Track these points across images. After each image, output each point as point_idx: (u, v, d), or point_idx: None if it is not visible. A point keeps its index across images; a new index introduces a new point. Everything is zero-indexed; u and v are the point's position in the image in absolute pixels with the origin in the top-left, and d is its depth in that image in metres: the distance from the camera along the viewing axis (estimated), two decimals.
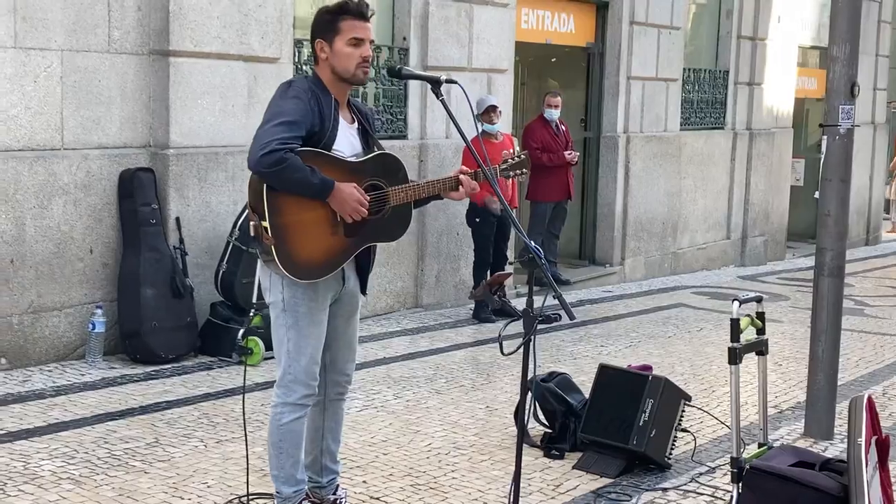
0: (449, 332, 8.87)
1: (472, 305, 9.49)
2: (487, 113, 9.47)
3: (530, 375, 6.01)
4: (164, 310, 7.34)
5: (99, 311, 7.17)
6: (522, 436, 4.07)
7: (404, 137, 9.53)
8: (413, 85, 9.39)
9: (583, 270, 12.38)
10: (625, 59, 12.31)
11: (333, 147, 4.11)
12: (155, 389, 6.71)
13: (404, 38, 9.51)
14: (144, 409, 6.25)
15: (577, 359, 8.16)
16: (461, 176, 4.32)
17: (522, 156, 4.56)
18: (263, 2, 8.07)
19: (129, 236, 7.37)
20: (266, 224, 3.98)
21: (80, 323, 7.23)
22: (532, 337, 4.06)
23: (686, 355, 8.49)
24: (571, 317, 3.96)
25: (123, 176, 7.37)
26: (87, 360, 7.19)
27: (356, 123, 4.30)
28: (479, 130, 9.31)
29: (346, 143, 4.19)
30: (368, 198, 4.11)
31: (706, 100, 14.30)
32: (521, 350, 4.11)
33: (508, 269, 9.37)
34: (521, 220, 12.20)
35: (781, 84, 15.48)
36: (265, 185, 3.95)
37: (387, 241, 4.35)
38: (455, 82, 4.33)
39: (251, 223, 4.06)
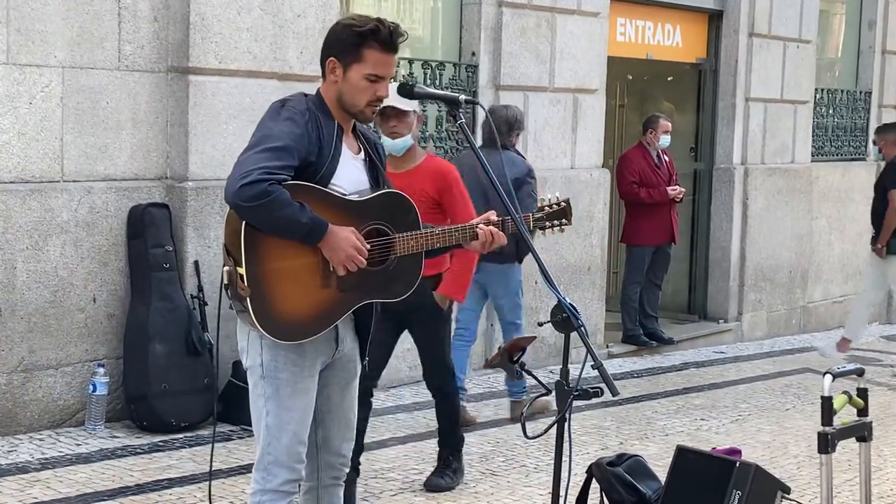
0: None
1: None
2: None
3: (597, 457, 5.78)
4: (176, 369, 7.23)
5: (101, 371, 7.07)
6: None
7: None
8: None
9: (691, 327, 12.03)
10: (743, 77, 11.98)
11: (332, 181, 3.93)
12: (158, 464, 6.57)
13: (473, 54, 9.33)
14: (140, 488, 6.12)
15: (668, 434, 7.84)
16: (480, 229, 4.11)
17: (563, 203, 4.28)
18: (303, 11, 7.96)
19: (139, 283, 7.28)
20: (242, 271, 3.78)
21: (80, 384, 7.13)
22: (567, 415, 3.79)
23: (804, 433, 8.08)
24: (614, 392, 3.68)
25: (133, 212, 7.30)
26: (86, 427, 7.09)
27: (363, 154, 4.11)
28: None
29: (350, 177, 4.01)
30: (369, 246, 3.91)
31: (844, 126, 13.87)
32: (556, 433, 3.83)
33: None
34: (619, 266, 11.91)
35: None
36: (244, 223, 3.77)
37: (390, 299, 4.13)
38: (477, 103, 4.13)
39: (225, 268, 3.88)
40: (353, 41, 3.94)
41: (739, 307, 12.26)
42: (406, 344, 8.71)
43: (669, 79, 12.55)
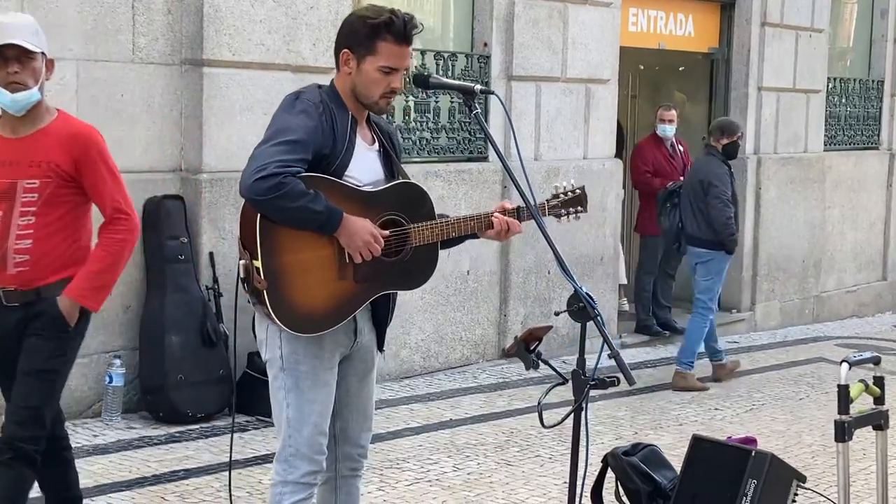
0: (533, 389, 8.58)
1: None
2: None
3: (613, 447, 5.78)
4: (192, 360, 7.24)
5: (117, 362, 7.09)
6: None
7: (484, 159, 9.32)
8: (495, 98, 9.17)
9: None
10: (755, 66, 11.95)
11: (347, 173, 3.94)
12: (175, 455, 6.58)
13: (485, 44, 9.32)
14: (158, 479, 6.13)
15: (682, 424, 7.84)
16: (495, 217, 4.12)
17: (578, 190, 4.30)
18: (315, 3, 7.96)
19: (154, 275, 7.30)
20: (258, 264, 3.79)
21: (96, 375, 7.14)
22: (584, 405, 3.79)
23: (818, 422, 8.08)
24: (631, 381, 3.69)
25: (148, 205, 7.31)
26: (103, 418, 7.10)
27: (377, 144, 4.12)
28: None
29: (364, 168, 4.01)
30: (387, 233, 3.91)
31: (856, 115, 13.82)
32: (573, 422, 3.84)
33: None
34: (632, 256, 11.89)
35: None
36: (259, 217, 3.78)
37: (407, 289, 4.16)
38: (492, 93, 4.14)
39: (241, 261, 3.89)
40: (367, 33, 3.93)
41: (752, 297, 12.22)
42: (419, 335, 8.77)
43: (681, 69, 12.52)
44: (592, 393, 3.85)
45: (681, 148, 11.09)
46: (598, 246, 10.16)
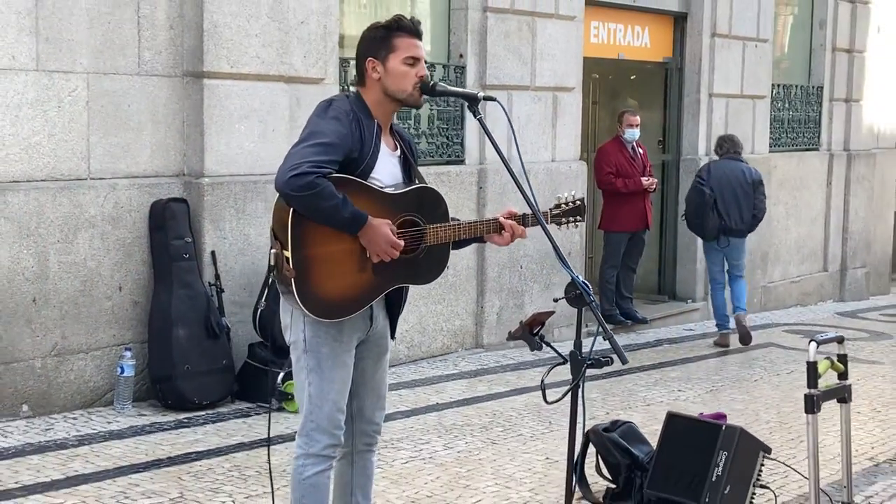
0: (510, 375, 8.76)
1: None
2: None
3: (589, 426, 5.94)
4: (197, 352, 7.32)
5: (128, 354, 7.17)
6: (570, 497, 3.95)
7: (461, 162, 9.47)
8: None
9: (662, 307, 12.20)
10: (706, 74, 12.18)
11: (372, 175, 4.07)
12: (185, 438, 6.67)
13: (461, 55, 9.47)
14: (172, 461, 6.21)
15: (650, 405, 8.00)
16: (504, 220, 4.27)
17: (578, 201, 4.45)
18: (306, 18, 8.08)
19: (161, 272, 7.37)
20: (288, 254, 3.93)
21: (108, 366, 7.22)
22: (581, 383, 3.95)
23: (773, 401, 8.28)
24: (623, 360, 3.84)
25: (155, 207, 7.38)
26: (115, 406, 7.17)
27: (398, 151, 4.26)
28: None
29: (387, 171, 4.15)
30: (402, 244, 4.04)
31: (798, 118, 14.09)
32: (571, 398, 3.99)
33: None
34: (595, 251, 12.07)
35: (883, 100, 15.18)
36: (291, 211, 3.91)
37: (420, 283, 4.30)
38: (494, 99, 4.27)
39: (272, 251, 4.01)
40: (383, 35, 4.11)
41: (706, 288, 12.40)
42: (403, 326, 8.88)
43: (633, 77, 12.70)
44: (569, 376, 3.99)
45: (640, 150, 11.28)
46: (566, 242, 10.29)
